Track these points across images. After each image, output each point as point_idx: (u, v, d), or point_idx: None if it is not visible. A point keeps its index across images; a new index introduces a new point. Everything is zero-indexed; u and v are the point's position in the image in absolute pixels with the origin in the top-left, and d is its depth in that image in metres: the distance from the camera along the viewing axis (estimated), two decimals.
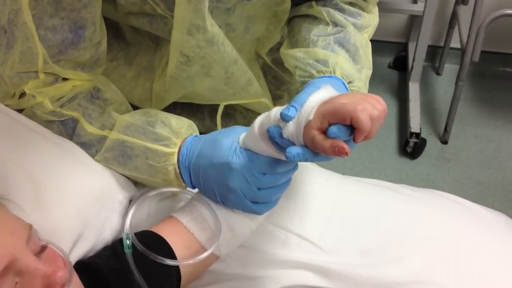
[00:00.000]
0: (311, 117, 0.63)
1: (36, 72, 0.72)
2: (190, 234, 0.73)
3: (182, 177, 0.76)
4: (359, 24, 0.85)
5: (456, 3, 2.02)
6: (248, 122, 0.99)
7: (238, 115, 1.03)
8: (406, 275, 0.81)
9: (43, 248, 0.62)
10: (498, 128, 2.06)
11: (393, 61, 2.30)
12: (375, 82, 2.17)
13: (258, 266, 0.81)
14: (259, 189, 0.71)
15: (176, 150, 0.75)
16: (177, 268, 0.72)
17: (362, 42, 0.84)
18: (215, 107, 0.94)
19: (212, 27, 0.73)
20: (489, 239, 0.87)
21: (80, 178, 0.75)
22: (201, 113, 1.02)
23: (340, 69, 0.79)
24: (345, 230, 0.86)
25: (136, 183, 0.86)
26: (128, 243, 0.67)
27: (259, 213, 0.73)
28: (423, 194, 0.97)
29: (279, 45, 0.94)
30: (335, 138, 0.60)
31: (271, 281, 0.80)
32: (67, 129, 0.78)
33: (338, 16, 0.83)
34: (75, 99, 0.77)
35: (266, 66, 1.02)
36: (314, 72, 0.80)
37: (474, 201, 1.00)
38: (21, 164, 0.71)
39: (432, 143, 2.01)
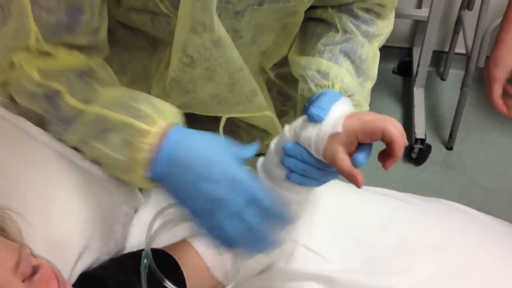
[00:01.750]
0: (339, 129, 0.63)
1: (28, 48, 0.69)
2: (200, 259, 0.73)
3: (152, 170, 0.65)
4: (371, 33, 0.84)
5: (461, 8, 2.01)
6: (252, 139, 0.97)
7: (242, 131, 1.01)
8: (413, 286, 0.81)
9: (37, 268, 0.59)
10: (504, 134, 2.05)
11: (398, 66, 2.29)
12: (379, 88, 2.15)
13: (264, 278, 0.80)
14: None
15: (159, 132, 0.65)
16: (183, 282, 0.71)
17: (370, 53, 0.83)
18: (217, 122, 0.92)
19: (219, 27, 0.70)
20: (497, 249, 0.87)
21: (86, 189, 0.74)
22: (204, 129, 1.00)
23: (340, 82, 0.78)
24: (351, 240, 0.86)
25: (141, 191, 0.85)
26: (145, 262, 0.66)
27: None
28: (430, 203, 0.96)
29: (284, 59, 0.93)
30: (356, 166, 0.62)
31: None
32: (52, 104, 0.71)
33: (350, 24, 0.82)
34: (63, 73, 0.71)
35: (270, 82, 1.00)
36: (312, 86, 0.79)
37: (479, 208, 0.99)
38: (26, 176, 0.71)
39: (437, 149, 1.99)
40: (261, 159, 0.73)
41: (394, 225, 0.88)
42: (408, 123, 2.05)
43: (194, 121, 0.98)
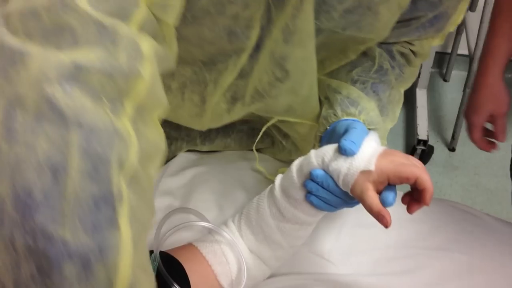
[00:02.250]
0: (372, 167, 0.64)
1: None
2: (208, 266, 0.72)
3: None
4: (401, 77, 0.84)
5: None
6: (279, 149, 0.96)
7: (274, 139, 0.98)
8: (417, 287, 0.80)
9: None
10: (507, 136, 2.05)
11: None
12: None
13: (267, 282, 0.80)
14: None
15: None
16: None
17: (396, 97, 0.84)
18: (253, 126, 0.89)
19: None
20: (502, 250, 0.86)
21: None
22: (237, 132, 0.98)
23: (366, 114, 0.78)
24: (355, 242, 0.85)
25: None
26: (155, 264, 0.66)
27: None
28: (434, 204, 0.95)
29: None
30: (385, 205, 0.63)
31: None
32: None
33: (387, 63, 0.82)
34: None
35: None
36: (339, 111, 0.79)
37: (482, 209, 0.99)
38: None
39: (440, 150, 2.00)
40: (279, 177, 0.73)
41: (398, 225, 0.87)
42: (410, 124, 2.05)
43: (229, 129, 0.96)
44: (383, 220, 0.63)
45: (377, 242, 0.85)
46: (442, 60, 2.29)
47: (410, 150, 1.94)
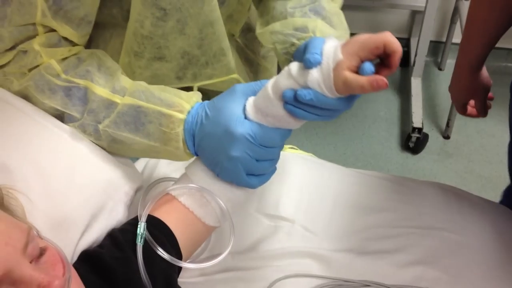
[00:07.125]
0: (340, 56, 0.63)
1: (34, 24, 0.71)
2: (190, 212, 0.73)
3: (187, 144, 0.73)
4: None
5: None
6: None
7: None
8: (407, 264, 0.82)
9: (44, 250, 0.60)
10: (500, 123, 2.06)
11: None
12: None
13: (263, 256, 0.82)
14: (257, 160, 0.70)
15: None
16: (177, 245, 0.72)
17: (336, 10, 0.84)
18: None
19: None
20: (491, 230, 0.88)
21: (87, 169, 0.75)
22: None
23: (320, 31, 0.78)
24: (347, 221, 0.87)
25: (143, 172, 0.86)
26: (140, 234, 0.68)
27: (252, 186, 0.72)
28: (426, 186, 0.97)
29: (247, 25, 0.96)
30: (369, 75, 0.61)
31: (274, 271, 0.81)
32: (72, 99, 0.74)
33: None
34: (81, 65, 0.75)
35: (239, 48, 1.01)
36: (295, 40, 0.78)
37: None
38: (27, 155, 0.71)
39: (434, 138, 2.01)
40: (250, 100, 0.70)
41: (389, 205, 0.89)
42: (405, 112, 2.07)
43: None
44: (380, 83, 0.60)
45: (368, 221, 0.87)
46: (437, 49, 2.30)
47: (405, 138, 1.96)
